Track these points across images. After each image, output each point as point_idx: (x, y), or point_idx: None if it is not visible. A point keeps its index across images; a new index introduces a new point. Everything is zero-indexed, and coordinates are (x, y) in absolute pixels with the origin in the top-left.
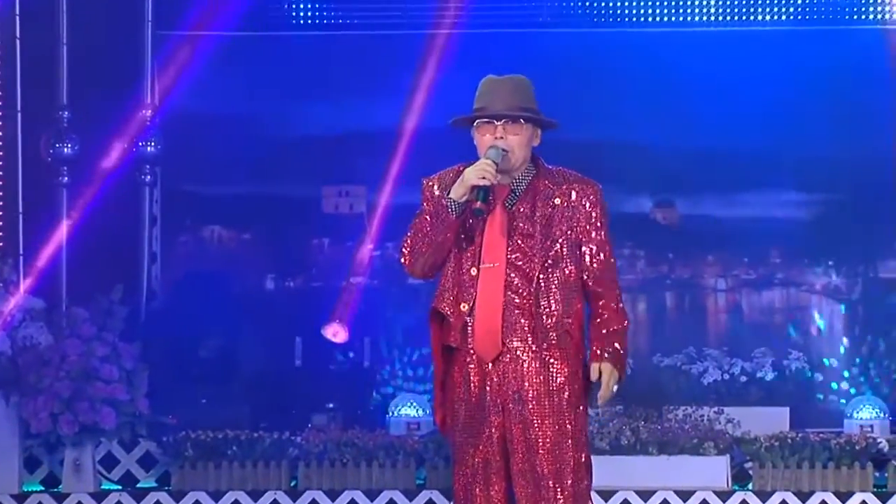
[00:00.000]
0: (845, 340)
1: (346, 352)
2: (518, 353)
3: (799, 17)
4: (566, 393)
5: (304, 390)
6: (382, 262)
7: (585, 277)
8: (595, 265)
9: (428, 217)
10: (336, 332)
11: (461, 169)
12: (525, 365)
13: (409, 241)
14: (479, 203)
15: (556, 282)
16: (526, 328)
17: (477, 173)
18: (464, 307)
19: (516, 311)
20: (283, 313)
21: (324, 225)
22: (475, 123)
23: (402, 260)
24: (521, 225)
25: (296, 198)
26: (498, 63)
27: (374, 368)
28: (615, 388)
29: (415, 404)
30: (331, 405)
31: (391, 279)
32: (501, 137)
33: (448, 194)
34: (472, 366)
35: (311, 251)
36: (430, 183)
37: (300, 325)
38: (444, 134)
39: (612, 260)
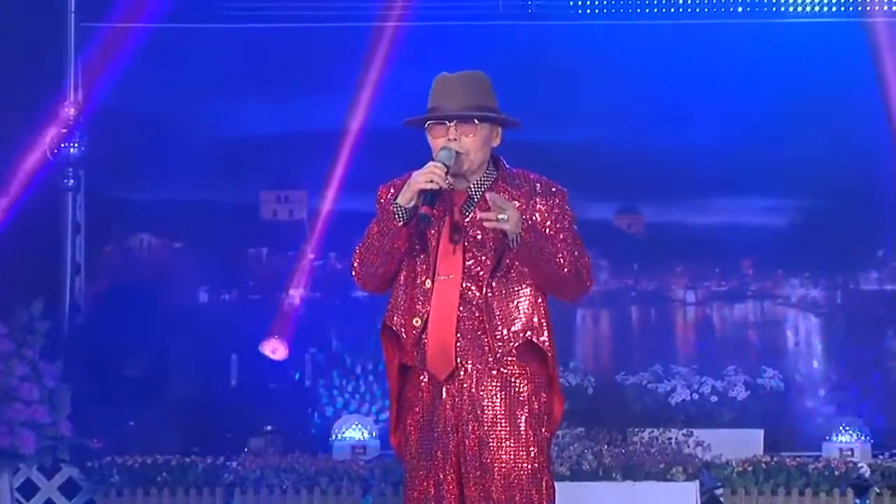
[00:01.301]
0: (823, 357)
1: (286, 370)
2: (474, 370)
3: (774, 10)
4: (527, 413)
5: (241, 411)
6: (325, 272)
7: None
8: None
9: (376, 225)
10: (275, 349)
11: None
12: (482, 383)
13: (359, 252)
14: (424, 208)
15: (512, 292)
16: (483, 343)
17: (424, 176)
18: (416, 322)
19: (472, 326)
20: (217, 328)
21: (262, 233)
22: (427, 125)
23: (353, 272)
24: (474, 232)
25: (231, 204)
26: (454, 58)
27: (317, 388)
28: (504, 219)
29: (360, 426)
30: (269, 427)
31: (334, 291)
32: (455, 139)
33: (395, 200)
34: (425, 384)
35: (247, 261)
36: (386, 190)
37: (236, 341)
38: (396, 134)
39: (586, 258)
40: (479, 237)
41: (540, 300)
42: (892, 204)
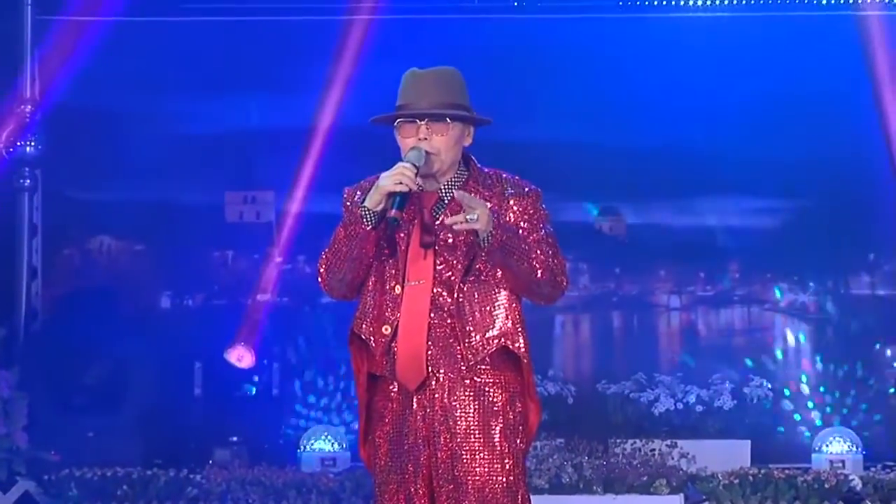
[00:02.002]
0: (813, 365)
1: (252, 378)
2: (446, 379)
3: (762, 2)
4: (501, 424)
5: (205, 422)
6: (293, 277)
7: None
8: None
9: (343, 229)
10: (241, 357)
11: None
12: (454, 392)
13: (326, 257)
14: (394, 211)
15: (485, 297)
16: (455, 351)
17: (393, 178)
18: (386, 330)
19: (444, 333)
20: (180, 335)
21: (227, 235)
22: (396, 123)
23: (319, 278)
24: (445, 236)
25: (195, 205)
26: (426, 53)
27: (284, 397)
28: (473, 218)
29: (330, 437)
30: (235, 438)
31: (303, 297)
32: (425, 139)
33: (363, 203)
34: (395, 394)
35: (212, 265)
36: (352, 193)
37: (200, 348)
38: (367, 133)
39: (561, 258)
40: (450, 240)
41: (514, 304)
42: (885, 205)
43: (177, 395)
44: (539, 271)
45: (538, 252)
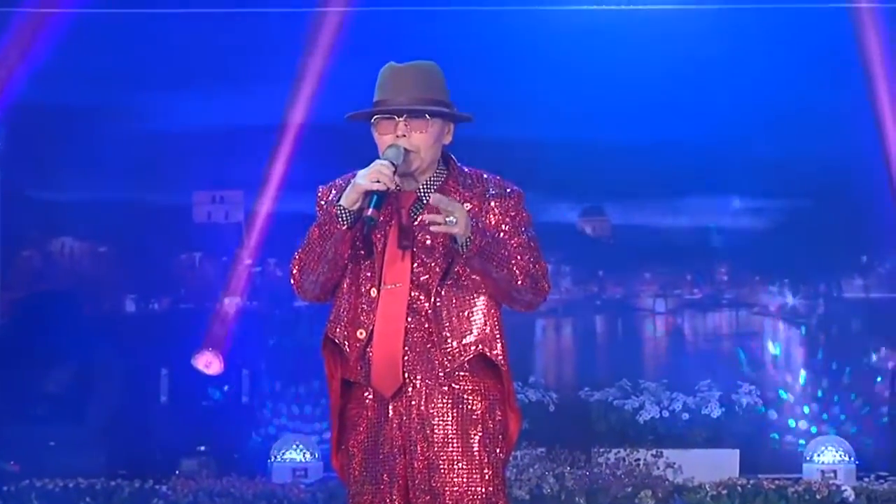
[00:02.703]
0: (804, 371)
1: (221, 385)
2: (423, 386)
3: None
4: (480, 433)
5: (171, 431)
6: (263, 280)
7: None
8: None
9: (317, 229)
10: (209, 363)
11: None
12: (432, 400)
13: (299, 257)
14: (370, 210)
15: (464, 301)
16: (433, 357)
17: (370, 176)
18: (360, 334)
19: (421, 338)
20: (146, 340)
21: (195, 236)
22: (373, 119)
23: (292, 280)
24: (423, 237)
25: (161, 205)
26: (404, 47)
27: (254, 405)
28: (452, 221)
29: (301, 447)
30: (202, 448)
31: (274, 300)
32: (404, 136)
33: (338, 201)
34: (370, 402)
35: (179, 267)
36: (327, 191)
37: (166, 354)
38: (340, 130)
39: (543, 262)
40: (428, 242)
41: (493, 310)
42: (879, 204)
43: (142, 402)
44: (519, 278)
45: (518, 258)
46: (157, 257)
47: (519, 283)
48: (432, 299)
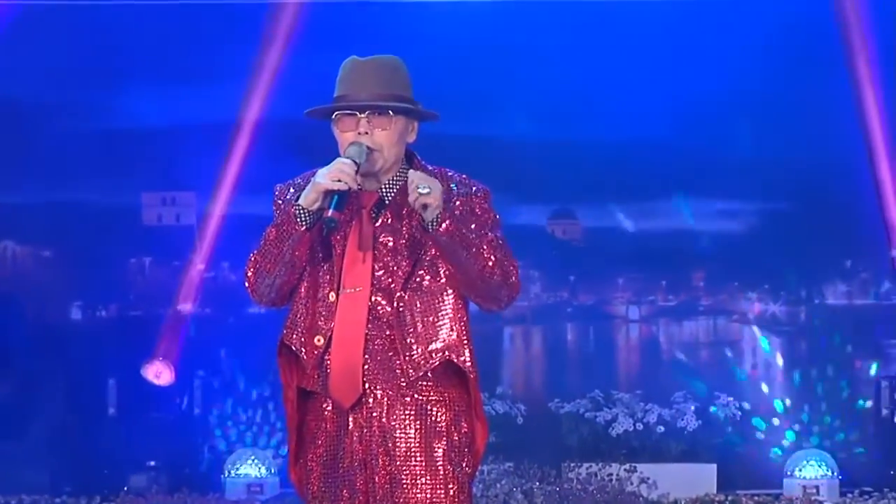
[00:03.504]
0: (785, 382)
1: (172, 397)
2: (385, 396)
3: None
4: (445, 446)
5: (120, 445)
6: (217, 285)
7: None
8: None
9: (274, 230)
10: (159, 373)
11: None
12: (394, 411)
13: (254, 259)
14: (331, 211)
15: (429, 306)
16: (395, 366)
17: (331, 175)
18: (318, 341)
19: (383, 346)
20: (93, 349)
21: (144, 240)
22: (334, 116)
23: (246, 283)
24: (385, 239)
25: (109, 206)
26: (366, 40)
27: (207, 417)
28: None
29: (257, 462)
30: (152, 463)
31: (228, 306)
32: (366, 133)
33: (297, 201)
34: (329, 413)
35: (128, 272)
36: (284, 190)
37: (114, 364)
38: (297, 127)
39: (513, 260)
40: (390, 244)
41: (461, 314)
42: (863, 207)
43: (89, 415)
44: (490, 266)
45: (487, 247)
46: (105, 262)
47: (489, 271)
48: (395, 304)
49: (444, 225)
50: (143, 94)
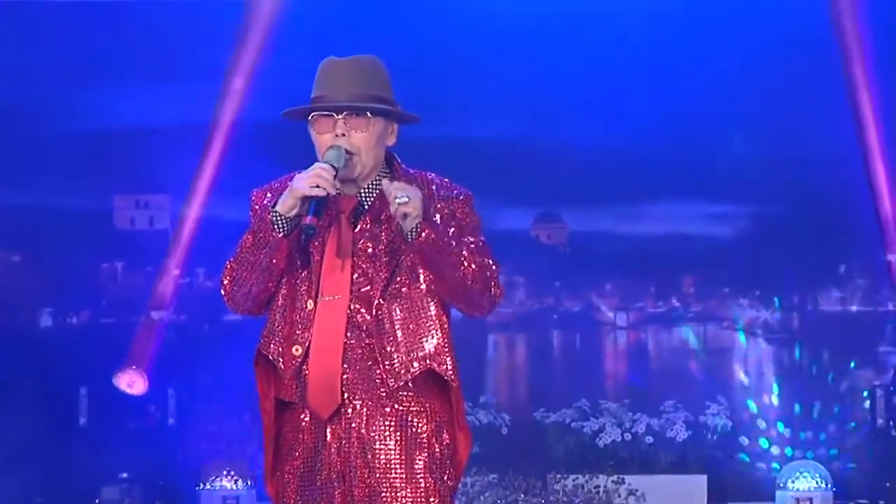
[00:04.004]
0: (778, 390)
1: (145, 406)
2: (364, 407)
3: None
4: (426, 458)
5: (91, 456)
6: (192, 292)
7: None
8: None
9: (251, 236)
10: (132, 382)
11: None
12: (373, 422)
13: (231, 267)
14: (309, 218)
15: (409, 314)
16: (375, 375)
17: (309, 181)
18: (296, 350)
19: (362, 355)
20: (63, 357)
21: (116, 244)
22: (310, 117)
23: (223, 290)
24: (364, 245)
25: (80, 209)
26: (344, 39)
27: (181, 428)
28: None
29: (233, 474)
30: (125, 475)
31: (203, 314)
32: (343, 135)
33: (274, 207)
34: (306, 424)
35: (99, 278)
36: (261, 196)
37: (86, 372)
38: (274, 128)
39: (494, 264)
40: (370, 250)
41: (442, 322)
42: (857, 210)
43: (59, 425)
44: (471, 273)
45: (467, 253)
46: (76, 267)
47: (470, 277)
48: (374, 312)
49: (423, 234)
50: (116, 93)
